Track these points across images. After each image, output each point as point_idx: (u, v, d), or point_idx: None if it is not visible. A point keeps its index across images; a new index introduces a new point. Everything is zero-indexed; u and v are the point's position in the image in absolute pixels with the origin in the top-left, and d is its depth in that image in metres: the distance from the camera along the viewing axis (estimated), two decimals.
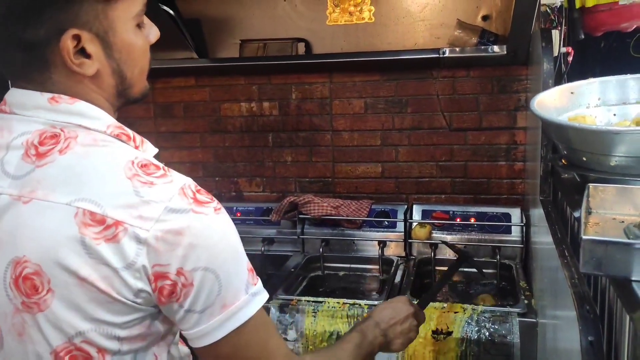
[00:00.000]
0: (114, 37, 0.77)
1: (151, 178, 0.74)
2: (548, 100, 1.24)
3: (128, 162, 0.74)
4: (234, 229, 0.78)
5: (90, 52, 0.76)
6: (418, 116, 2.21)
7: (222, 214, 0.76)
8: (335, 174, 2.33)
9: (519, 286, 1.76)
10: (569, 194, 1.23)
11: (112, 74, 0.79)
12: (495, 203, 2.16)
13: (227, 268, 0.75)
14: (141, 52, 0.82)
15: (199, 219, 0.73)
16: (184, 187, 0.74)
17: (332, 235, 2.13)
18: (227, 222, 0.77)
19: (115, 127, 0.79)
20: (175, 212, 0.72)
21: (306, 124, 2.32)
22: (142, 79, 0.85)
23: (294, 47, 2.26)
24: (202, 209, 0.74)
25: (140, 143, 0.81)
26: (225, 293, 0.75)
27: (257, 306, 0.78)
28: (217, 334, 0.76)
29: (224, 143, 2.42)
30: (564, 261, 1.04)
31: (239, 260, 0.77)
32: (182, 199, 0.73)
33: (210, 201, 0.76)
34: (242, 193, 2.44)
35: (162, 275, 0.72)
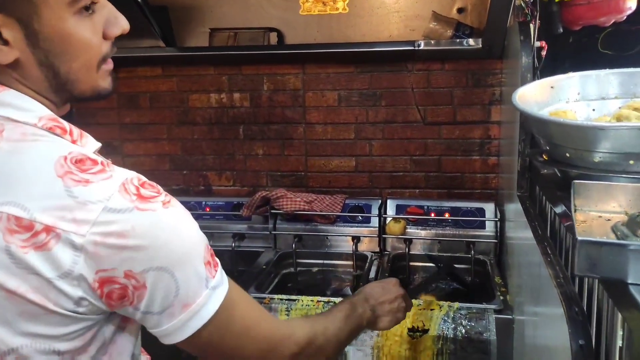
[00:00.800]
0: (40, 24, 0.67)
1: (86, 175, 0.66)
2: (529, 95, 1.21)
3: (60, 158, 0.67)
4: (188, 219, 0.72)
5: (7, 38, 0.67)
6: (392, 109, 2.17)
7: (171, 207, 0.70)
8: (308, 168, 2.28)
9: (494, 282, 1.74)
10: (548, 190, 1.21)
11: (39, 66, 0.70)
12: (469, 198, 2.14)
13: (183, 265, 0.70)
14: (83, 45, 0.71)
15: (144, 216, 0.67)
16: (126, 183, 0.68)
17: (305, 230, 2.08)
18: (178, 215, 0.71)
19: (49, 119, 0.71)
20: (115, 212, 0.65)
21: (278, 116, 2.26)
22: (88, 75, 0.74)
23: (266, 36, 2.19)
24: (147, 205, 0.67)
25: (78, 137, 0.73)
26: (184, 292, 0.70)
27: (219, 299, 0.74)
28: (182, 334, 0.72)
29: (192, 135, 2.34)
30: (547, 259, 1.01)
31: (195, 255, 0.72)
32: (124, 196, 0.66)
33: (157, 194, 0.69)
34: (212, 187, 2.36)
35: (109, 279, 0.67)
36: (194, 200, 2.23)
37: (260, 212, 2.11)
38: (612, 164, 0.99)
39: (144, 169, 2.35)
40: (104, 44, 0.74)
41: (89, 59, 0.73)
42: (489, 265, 1.88)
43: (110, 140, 2.39)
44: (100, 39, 0.73)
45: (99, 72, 0.75)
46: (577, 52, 1.91)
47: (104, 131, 2.38)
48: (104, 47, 0.74)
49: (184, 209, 0.73)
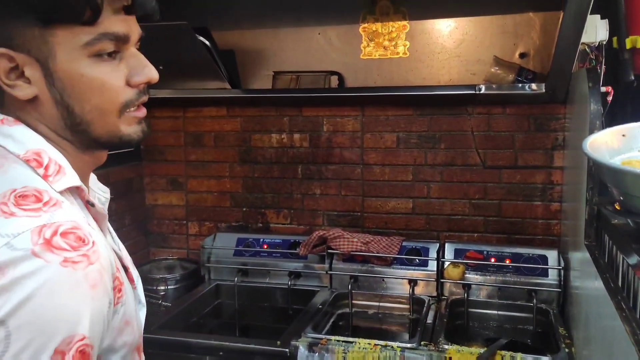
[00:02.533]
0: (55, 64, 0.70)
1: (17, 209, 0.64)
2: (600, 142, 1.19)
3: (9, 190, 0.66)
4: (83, 293, 0.63)
5: (29, 76, 0.71)
6: (451, 152, 2.17)
7: (72, 269, 0.62)
8: (364, 209, 2.29)
9: (557, 333, 1.68)
10: (621, 241, 1.17)
11: (56, 104, 0.73)
12: (530, 244, 2.09)
13: (28, 335, 0.60)
14: (94, 87, 0.72)
15: (30, 263, 0.61)
16: (47, 226, 0.64)
17: (361, 271, 2.07)
18: (72, 280, 0.62)
19: (33, 152, 0.71)
20: (12, 248, 0.61)
21: (336, 156, 2.30)
22: (104, 119, 0.75)
23: (326, 79, 2.25)
24: (46, 254, 0.61)
25: (53, 173, 0.71)
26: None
27: None
28: None
29: (253, 173, 2.40)
30: (623, 314, 0.98)
31: (52, 334, 0.61)
32: (32, 237, 0.62)
33: (69, 250, 0.63)
34: (269, 224, 2.40)
35: None
36: (252, 237, 2.27)
37: (317, 252, 2.13)
38: None
39: (206, 205, 2.44)
40: (127, 90, 0.75)
41: (102, 103, 0.74)
42: (552, 315, 1.82)
43: (176, 177, 2.48)
44: (123, 85, 0.74)
45: (121, 117, 0.76)
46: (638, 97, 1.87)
47: (171, 168, 2.48)
48: (127, 94, 0.75)
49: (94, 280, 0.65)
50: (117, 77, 0.74)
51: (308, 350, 1.64)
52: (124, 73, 0.74)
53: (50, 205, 0.66)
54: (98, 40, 0.71)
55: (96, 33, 0.70)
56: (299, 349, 1.64)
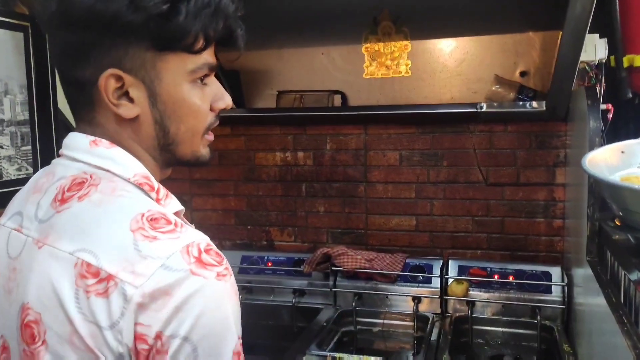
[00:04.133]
0: (160, 87, 0.75)
1: (156, 232, 0.69)
2: (599, 159, 1.21)
3: (138, 214, 0.70)
4: (235, 302, 0.71)
5: (133, 97, 0.75)
6: (454, 170, 2.18)
7: (224, 282, 0.69)
8: (368, 226, 2.30)
9: (562, 350, 1.68)
10: (622, 256, 1.18)
11: (154, 124, 0.77)
12: (533, 261, 2.10)
13: (209, 345, 0.67)
14: (192, 110, 0.78)
15: (193, 281, 0.66)
16: (191, 245, 0.69)
17: (365, 289, 2.08)
18: (227, 292, 0.69)
19: (142, 176, 0.76)
20: (170, 270, 0.66)
21: (340, 174, 2.32)
22: (192, 139, 0.81)
23: (330, 98, 2.28)
24: (202, 271, 0.67)
25: (163, 197, 0.77)
26: None
27: None
28: None
29: (257, 192, 2.42)
30: (624, 328, 0.98)
31: (226, 340, 0.68)
32: (184, 257, 0.67)
33: (217, 265, 0.69)
34: (274, 242, 2.42)
35: (142, 336, 0.66)
36: (257, 255, 2.29)
37: (321, 269, 2.14)
38: None
39: (211, 223, 2.45)
40: (210, 114, 0.81)
41: (196, 125, 0.79)
42: (556, 332, 1.82)
43: (181, 195, 2.48)
44: (208, 109, 0.80)
45: (202, 140, 0.82)
46: None
47: (175, 186, 2.50)
48: (210, 118, 0.81)
49: (236, 291, 0.72)
50: (206, 101, 0.80)
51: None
52: (209, 98, 0.80)
53: (180, 226, 0.71)
54: (200, 69, 0.77)
55: (200, 62, 0.77)
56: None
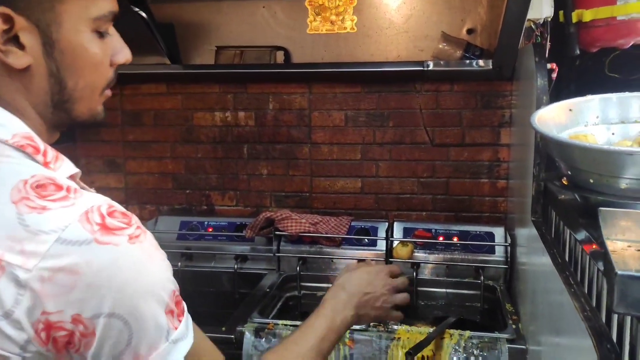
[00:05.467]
0: (58, 33, 0.66)
1: (44, 202, 0.59)
2: (547, 117, 1.17)
3: (19, 181, 0.60)
4: (158, 260, 0.65)
5: (24, 43, 0.64)
6: (400, 130, 2.14)
7: (139, 242, 0.63)
8: (313, 189, 2.24)
9: (505, 309, 1.69)
10: (568, 216, 1.16)
11: (49, 77, 0.67)
12: (477, 221, 2.10)
13: (140, 313, 0.61)
14: (92, 63, 0.70)
15: (103, 252, 0.59)
16: (90, 211, 0.60)
17: (309, 253, 2.03)
18: (146, 253, 0.63)
19: (23, 136, 0.65)
20: (70, 244, 0.58)
21: (283, 135, 2.23)
22: (91, 97, 0.72)
23: (272, 55, 2.16)
24: (110, 237, 0.60)
25: (52, 159, 0.67)
26: (138, 343, 0.62)
27: (180, 354, 0.66)
28: None
29: (196, 154, 2.30)
30: (571, 290, 0.96)
31: (156, 303, 0.63)
32: (84, 226, 0.59)
33: (126, 227, 0.62)
34: (214, 207, 2.32)
35: (54, 325, 0.59)
36: (197, 220, 2.19)
37: (264, 234, 2.06)
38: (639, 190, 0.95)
39: (147, 188, 2.32)
40: (110, 69, 0.73)
41: (96, 80, 0.72)
42: (499, 292, 1.83)
43: (113, 158, 2.35)
44: (108, 64, 0.72)
45: (100, 97, 0.75)
46: (583, 75, 1.88)
47: (107, 148, 2.34)
48: (110, 73, 0.74)
49: (156, 246, 0.66)
50: (106, 55, 0.72)
51: (254, 336, 1.58)
52: (109, 51, 0.73)
53: (73, 192, 0.62)
54: (105, 17, 0.69)
55: (106, 9, 0.69)
56: (244, 334, 1.58)
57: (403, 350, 1.49)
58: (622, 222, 0.89)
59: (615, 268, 0.63)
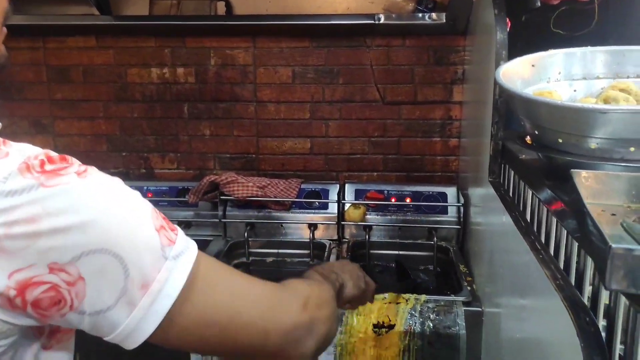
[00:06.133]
0: None
1: None
2: (511, 73, 1.11)
3: None
4: (117, 185, 0.59)
5: None
6: (350, 87, 2.04)
7: (89, 174, 0.56)
8: (259, 150, 2.12)
9: (459, 271, 1.66)
10: (530, 177, 1.11)
11: None
12: (429, 181, 2.05)
13: (125, 239, 0.56)
14: None
15: (56, 193, 0.53)
16: (28, 160, 0.54)
17: (257, 218, 1.93)
18: (99, 183, 0.57)
19: None
20: (16, 194, 0.52)
21: (227, 93, 2.08)
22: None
23: (212, 6, 2.00)
24: (57, 179, 0.54)
25: None
26: (137, 271, 0.56)
27: (186, 268, 0.60)
28: (149, 324, 0.57)
29: (132, 113, 2.13)
30: (540, 256, 0.92)
31: (139, 223, 0.58)
32: (24, 175, 0.53)
33: (68, 165, 0.56)
34: (154, 170, 2.17)
35: (30, 282, 0.53)
36: (135, 185, 2.00)
37: (208, 199, 1.94)
38: (609, 150, 0.90)
39: (79, 150, 2.13)
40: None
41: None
42: (452, 253, 1.80)
43: (39, 118, 2.14)
44: None
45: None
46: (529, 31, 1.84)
47: (32, 107, 2.13)
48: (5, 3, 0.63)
49: (108, 175, 0.59)
50: None
51: None
52: None
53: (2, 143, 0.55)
54: None
55: None
56: None
57: (359, 318, 1.44)
58: (594, 185, 0.84)
59: (610, 241, 0.57)
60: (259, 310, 0.67)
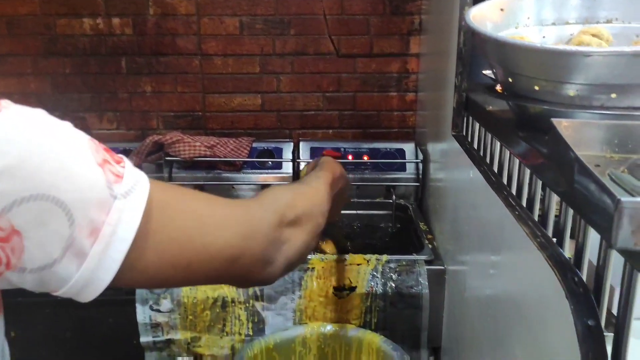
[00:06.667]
0: None
1: None
2: (481, 16, 1.03)
3: None
4: (40, 114, 0.50)
5: None
6: (303, 39, 1.92)
7: (4, 108, 0.47)
8: (206, 107, 1.99)
9: (419, 229, 1.61)
10: (501, 129, 1.05)
11: None
12: (386, 138, 1.99)
13: (63, 180, 0.47)
14: None
15: None
16: None
17: (207, 179, 1.81)
18: (20, 114, 0.48)
19: None
20: None
21: (168, 46, 1.92)
22: None
23: None
24: None
25: None
26: (82, 216, 0.48)
27: (138, 207, 0.52)
28: (107, 272, 0.51)
29: (64, 69, 1.94)
30: (515, 212, 0.86)
31: (76, 158, 0.49)
32: None
33: None
34: (91, 131, 2.00)
35: None
36: None
37: (152, 160, 1.81)
38: (589, 98, 0.84)
39: None
40: None
41: None
42: (411, 211, 1.75)
43: None
44: None
45: None
46: None
47: None
48: None
49: (28, 107, 0.50)
50: None
51: None
52: None
53: None
54: None
55: None
56: None
57: (319, 281, 1.37)
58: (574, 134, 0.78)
59: (617, 194, 0.50)
60: (226, 238, 0.61)
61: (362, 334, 1.34)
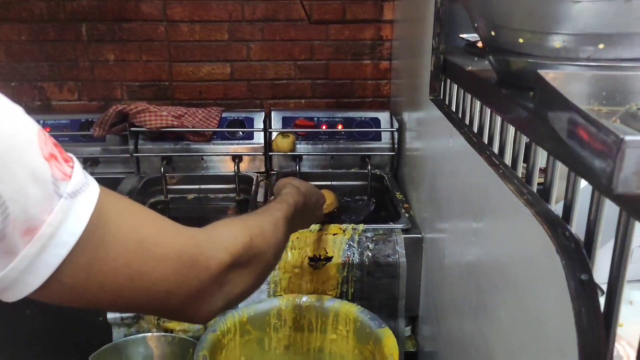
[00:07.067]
0: None
1: None
2: None
3: None
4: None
5: None
6: (273, 4, 1.84)
7: None
8: (173, 77, 1.90)
9: (396, 198, 1.58)
10: (482, 89, 1.01)
11: None
12: (360, 107, 1.94)
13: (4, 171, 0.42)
14: None
15: None
16: None
17: (174, 151, 1.74)
18: None
19: None
20: None
21: (131, 11, 1.83)
22: None
23: None
24: None
25: None
26: (19, 210, 0.43)
27: (85, 212, 0.47)
28: (35, 277, 0.45)
29: (19, 36, 1.82)
30: (500, 171, 0.82)
31: (19, 146, 0.43)
32: None
33: None
34: (51, 102, 1.90)
35: None
36: None
37: (116, 131, 1.72)
38: (575, 49, 0.80)
39: None
40: None
41: None
42: (387, 180, 1.71)
43: None
44: None
45: None
46: None
47: None
48: None
49: None
50: None
51: None
52: None
53: None
54: None
55: None
56: None
57: (293, 252, 1.33)
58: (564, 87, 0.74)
59: (620, 134, 0.46)
60: (164, 272, 0.54)
61: (338, 305, 1.30)
